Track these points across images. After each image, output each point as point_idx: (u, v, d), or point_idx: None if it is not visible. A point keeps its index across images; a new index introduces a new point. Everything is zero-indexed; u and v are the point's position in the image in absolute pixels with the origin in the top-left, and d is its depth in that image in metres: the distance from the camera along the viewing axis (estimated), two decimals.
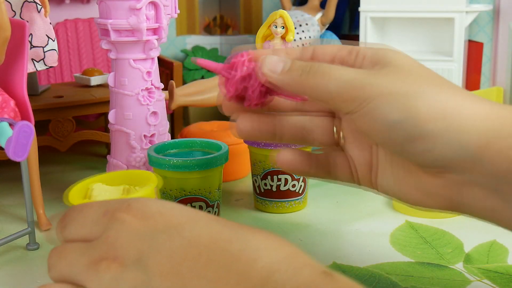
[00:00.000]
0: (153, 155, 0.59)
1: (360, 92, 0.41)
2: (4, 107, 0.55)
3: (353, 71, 0.42)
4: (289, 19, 0.62)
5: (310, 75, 0.43)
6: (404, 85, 0.41)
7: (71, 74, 0.93)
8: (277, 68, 0.45)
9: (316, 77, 0.43)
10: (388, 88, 0.41)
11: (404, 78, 0.41)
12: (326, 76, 0.43)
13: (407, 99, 0.40)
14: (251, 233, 0.34)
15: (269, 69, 0.45)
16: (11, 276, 0.54)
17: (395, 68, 0.42)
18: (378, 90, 0.41)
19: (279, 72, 0.45)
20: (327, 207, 0.68)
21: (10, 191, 0.75)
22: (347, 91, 0.42)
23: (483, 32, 0.94)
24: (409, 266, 0.54)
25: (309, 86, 0.43)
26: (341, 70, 0.43)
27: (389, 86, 0.41)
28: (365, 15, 0.90)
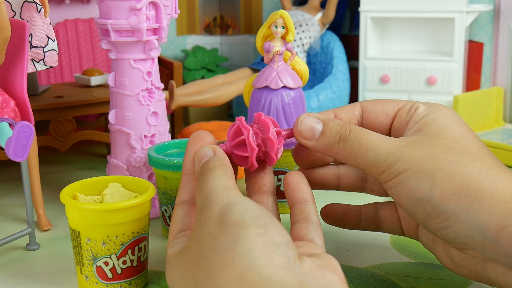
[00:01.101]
0: (153, 155, 0.59)
1: (393, 167, 0.42)
2: (4, 107, 0.55)
3: (390, 142, 0.43)
4: (290, 19, 0.62)
5: (347, 144, 0.44)
6: (434, 162, 0.42)
7: (71, 74, 0.93)
8: (313, 133, 0.45)
9: (353, 146, 0.44)
10: (417, 165, 0.42)
11: (437, 154, 0.42)
12: (363, 148, 0.43)
13: (432, 177, 0.41)
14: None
15: (304, 135, 0.46)
16: (11, 276, 0.54)
17: (435, 140, 0.43)
18: (407, 166, 0.42)
19: (316, 138, 0.45)
20: None
21: (10, 191, 0.75)
22: (381, 164, 0.43)
23: (484, 32, 0.94)
24: (409, 267, 0.54)
25: (345, 154, 0.44)
26: (378, 141, 0.43)
27: (419, 162, 0.42)
28: (365, 15, 0.90)
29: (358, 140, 0.44)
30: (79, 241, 0.49)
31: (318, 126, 0.45)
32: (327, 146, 0.45)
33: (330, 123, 0.45)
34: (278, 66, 0.63)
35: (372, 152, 0.43)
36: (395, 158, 0.42)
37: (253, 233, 0.35)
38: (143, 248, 0.50)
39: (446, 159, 0.42)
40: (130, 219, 0.48)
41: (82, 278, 0.50)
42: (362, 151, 0.43)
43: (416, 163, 0.42)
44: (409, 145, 0.43)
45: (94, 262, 0.49)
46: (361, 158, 0.44)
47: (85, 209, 0.48)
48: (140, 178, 0.53)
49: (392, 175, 0.43)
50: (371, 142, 0.44)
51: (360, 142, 0.44)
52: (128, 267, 0.49)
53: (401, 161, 0.42)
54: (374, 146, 0.43)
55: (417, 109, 0.46)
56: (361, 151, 0.43)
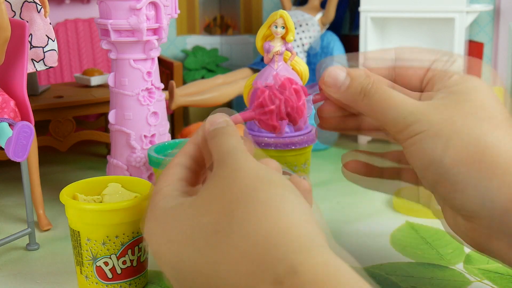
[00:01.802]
0: (153, 155, 0.59)
1: (411, 127, 0.42)
2: (4, 107, 0.55)
3: (411, 103, 0.43)
4: (290, 19, 0.62)
5: (370, 99, 0.44)
6: (452, 126, 0.41)
7: (71, 74, 0.93)
8: (339, 86, 0.45)
9: (375, 102, 0.44)
10: (434, 128, 0.41)
11: (457, 118, 0.41)
12: (384, 104, 0.43)
13: (448, 140, 0.41)
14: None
15: (330, 85, 0.46)
16: (11, 276, 0.54)
17: (460, 104, 0.42)
18: (425, 127, 0.42)
19: (341, 91, 0.45)
20: (328, 208, 0.68)
21: (10, 191, 0.75)
22: (400, 123, 0.42)
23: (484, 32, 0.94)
24: (409, 267, 0.54)
25: (367, 109, 0.44)
26: (399, 100, 0.43)
27: (437, 125, 0.41)
28: (365, 15, 0.90)
29: (380, 96, 0.44)
30: (79, 241, 0.49)
31: (344, 78, 0.45)
32: (351, 99, 0.45)
33: (355, 74, 0.45)
34: (278, 66, 0.63)
35: (393, 109, 0.43)
36: (414, 118, 0.42)
37: (296, 199, 0.35)
38: (143, 248, 0.50)
39: (465, 124, 0.41)
40: (130, 219, 0.48)
41: (82, 278, 0.50)
42: (383, 107, 0.43)
43: (434, 125, 0.41)
44: (430, 107, 0.42)
45: (94, 262, 0.49)
46: (381, 114, 0.43)
47: (84, 209, 0.48)
48: (140, 178, 0.53)
49: (409, 135, 0.42)
50: (392, 100, 0.43)
51: (383, 97, 0.43)
52: (128, 267, 0.49)
53: (420, 122, 0.42)
54: (395, 104, 0.43)
55: (450, 77, 0.44)
56: (382, 107, 0.43)
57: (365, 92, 0.44)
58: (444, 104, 0.42)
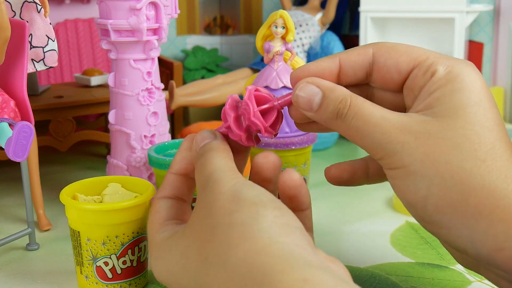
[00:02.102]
0: (153, 156, 0.59)
1: (391, 158, 0.39)
2: (4, 107, 0.55)
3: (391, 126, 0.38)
4: (290, 19, 0.62)
5: (345, 123, 0.40)
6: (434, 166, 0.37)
7: (71, 74, 0.93)
8: (311, 105, 0.41)
9: (350, 126, 0.40)
10: (415, 165, 0.38)
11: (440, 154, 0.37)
12: (360, 130, 0.39)
13: (429, 184, 0.37)
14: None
15: (301, 105, 0.41)
16: (11, 276, 0.54)
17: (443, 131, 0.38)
18: (405, 162, 0.38)
19: (314, 110, 0.41)
20: (327, 208, 0.68)
21: (10, 191, 0.75)
22: (379, 152, 0.39)
23: (484, 32, 0.94)
24: (409, 267, 0.54)
25: (343, 132, 0.40)
26: (377, 125, 0.39)
27: (418, 162, 0.38)
28: (365, 15, 0.90)
29: (356, 120, 0.39)
30: (79, 241, 0.49)
31: (316, 97, 0.41)
32: (325, 121, 0.41)
33: (330, 95, 0.40)
34: (278, 66, 0.63)
35: (369, 138, 0.39)
36: (393, 149, 0.38)
37: (271, 213, 0.34)
38: (143, 248, 0.50)
39: (449, 163, 0.37)
40: (130, 219, 0.48)
41: (82, 278, 0.50)
42: (360, 133, 0.39)
43: (414, 162, 0.38)
44: (412, 133, 0.38)
45: (94, 262, 0.49)
46: (359, 140, 0.40)
47: (84, 209, 0.48)
48: (140, 178, 0.53)
49: (389, 166, 0.39)
50: (370, 124, 0.39)
51: (358, 123, 0.39)
52: (128, 267, 0.49)
53: (399, 155, 0.38)
54: (372, 130, 0.39)
55: (434, 73, 0.39)
56: (358, 133, 0.39)
57: (340, 114, 0.40)
58: (426, 129, 0.38)
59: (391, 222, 0.63)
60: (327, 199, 0.71)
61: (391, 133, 0.39)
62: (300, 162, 0.64)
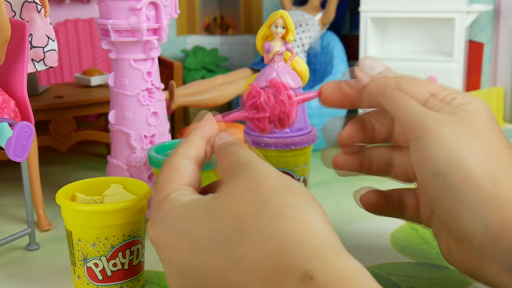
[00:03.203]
0: (153, 156, 0.59)
1: (427, 125, 0.42)
2: (4, 107, 0.55)
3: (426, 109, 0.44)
4: (290, 19, 0.62)
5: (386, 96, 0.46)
6: (466, 143, 0.41)
7: (71, 74, 0.93)
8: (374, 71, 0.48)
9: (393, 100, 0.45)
10: (450, 136, 0.42)
11: (470, 136, 0.42)
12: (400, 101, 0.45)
13: (460, 156, 0.41)
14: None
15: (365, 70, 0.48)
16: (11, 276, 0.54)
17: (468, 123, 0.42)
18: (441, 132, 0.42)
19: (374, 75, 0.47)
20: (328, 208, 0.68)
21: (10, 191, 0.75)
22: (415, 120, 0.43)
23: (484, 32, 0.94)
24: (409, 267, 0.54)
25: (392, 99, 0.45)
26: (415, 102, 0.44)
27: (452, 135, 0.42)
28: (365, 15, 0.90)
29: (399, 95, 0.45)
30: (71, 241, 0.49)
31: (379, 67, 0.48)
32: (382, 86, 0.46)
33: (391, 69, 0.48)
34: (278, 66, 0.63)
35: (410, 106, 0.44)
36: (433, 118, 0.42)
37: (320, 208, 0.36)
38: (136, 252, 0.49)
39: (477, 144, 0.41)
40: (120, 222, 0.48)
41: (75, 277, 0.50)
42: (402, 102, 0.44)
43: (450, 134, 0.42)
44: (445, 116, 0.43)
45: (84, 263, 0.48)
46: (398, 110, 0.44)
47: (74, 209, 0.48)
48: (141, 181, 0.53)
49: (425, 133, 0.42)
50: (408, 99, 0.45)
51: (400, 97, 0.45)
52: (119, 270, 0.49)
53: (438, 125, 0.42)
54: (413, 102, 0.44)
55: (454, 99, 0.45)
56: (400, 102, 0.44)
57: (398, 82, 0.46)
58: (455, 119, 0.43)
59: (391, 222, 0.63)
60: (327, 199, 0.71)
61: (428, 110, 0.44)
62: (300, 162, 0.64)
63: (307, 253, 0.32)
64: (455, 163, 0.41)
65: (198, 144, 0.43)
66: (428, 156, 0.42)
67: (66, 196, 0.51)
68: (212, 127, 0.44)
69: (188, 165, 0.41)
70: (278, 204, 0.35)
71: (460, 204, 0.41)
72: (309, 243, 0.33)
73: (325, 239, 0.33)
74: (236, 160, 0.39)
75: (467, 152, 0.41)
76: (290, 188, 0.36)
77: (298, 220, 0.34)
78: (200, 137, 0.43)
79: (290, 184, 0.37)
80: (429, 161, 0.42)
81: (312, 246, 0.33)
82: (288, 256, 0.32)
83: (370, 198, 0.51)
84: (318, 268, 0.31)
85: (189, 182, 0.41)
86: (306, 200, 0.36)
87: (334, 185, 0.75)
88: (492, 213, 0.40)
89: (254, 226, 0.34)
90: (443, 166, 0.41)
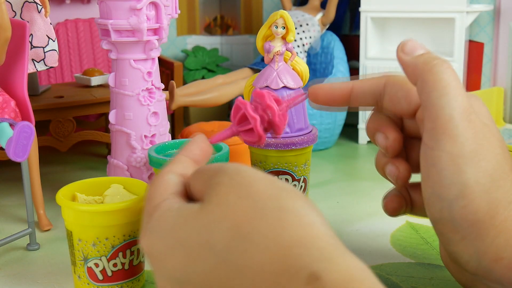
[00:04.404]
0: (153, 156, 0.59)
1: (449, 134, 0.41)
2: (4, 107, 0.55)
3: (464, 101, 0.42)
4: (290, 19, 0.62)
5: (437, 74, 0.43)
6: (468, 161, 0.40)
7: (72, 74, 0.93)
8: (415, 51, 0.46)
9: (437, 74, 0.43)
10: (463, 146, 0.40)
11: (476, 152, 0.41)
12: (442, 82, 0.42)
13: (463, 184, 0.40)
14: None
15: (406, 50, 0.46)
16: (11, 276, 0.54)
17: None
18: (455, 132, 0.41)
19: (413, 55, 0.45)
20: (328, 208, 0.68)
21: (10, 191, 0.75)
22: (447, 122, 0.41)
23: (484, 32, 0.94)
24: (409, 267, 0.54)
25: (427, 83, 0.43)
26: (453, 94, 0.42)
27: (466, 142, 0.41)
28: (365, 15, 0.90)
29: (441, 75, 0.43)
30: (72, 241, 0.49)
31: (421, 50, 0.46)
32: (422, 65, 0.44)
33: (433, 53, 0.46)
34: (278, 66, 0.63)
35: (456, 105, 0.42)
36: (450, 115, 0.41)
37: (314, 208, 0.36)
38: (136, 252, 0.49)
39: (485, 168, 0.40)
40: (121, 221, 0.48)
41: (75, 277, 0.50)
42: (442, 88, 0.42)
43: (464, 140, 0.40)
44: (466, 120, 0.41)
45: (85, 263, 0.48)
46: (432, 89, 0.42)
47: (75, 209, 0.48)
48: (142, 181, 0.53)
49: (446, 145, 0.41)
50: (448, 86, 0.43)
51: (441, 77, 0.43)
52: (119, 270, 0.49)
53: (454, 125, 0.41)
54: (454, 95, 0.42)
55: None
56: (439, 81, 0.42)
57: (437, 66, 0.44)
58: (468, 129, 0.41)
59: (391, 222, 0.63)
60: (327, 199, 0.71)
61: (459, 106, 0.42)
62: (300, 162, 0.64)
63: (314, 255, 0.32)
64: (458, 191, 0.40)
65: (184, 162, 0.43)
66: (434, 172, 0.41)
67: (67, 196, 0.51)
68: (199, 148, 0.44)
69: (174, 178, 0.41)
70: (276, 209, 0.34)
71: (456, 233, 0.41)
72: (315, 245, 0.33)
73: (329, 241, 0.33)
74: (214, 166, 0.39)
75: (472, 179, 0.40)
76: (284, 191, 0.36)
77: (301, 224, 0.34)
78: (185, 156, 0.43)
79: (283, 187, 0.36)
80: (439, 183, 0.41)
81: (318, 247, 0.32)
82: (293, 259, 0.32)
83: (394, 203, 0.50)
84: (326, 268, 0.31)
85: (176, 192, 0.40)
86: (304, 203, 0.35)
87: (334, 185, 0.75)
88: (486, 247, 0.40)
89: (255, 233, 0.34)
90: (446, 191, 0.41)
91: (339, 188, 0.74)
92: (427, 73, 0.43)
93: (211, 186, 0.37)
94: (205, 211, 0.36)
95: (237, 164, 0.39)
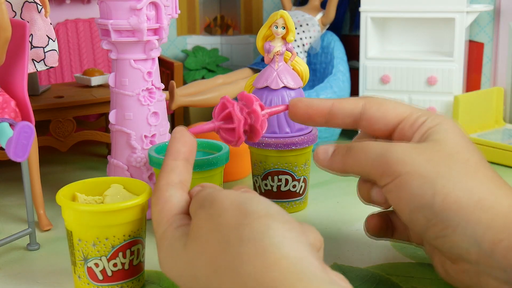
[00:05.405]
0: (153, 156, 0.59)
1: (394, 167, 0.43)
2: (4, 107, 0.55)
3: (390, 145, 0.44)
4: (290, 19, 0.62)
5: (351, 153, 0.46)
6: (436, 168, 0.42)
7: (72, 74, 0.93)
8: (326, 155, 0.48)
9: (355, 153, 0.46)
10: (419, 169, 0.42)
11: (439, 160, 0.42)
12: (363, 152, 0.45)
13: (434, 184, 0.42)
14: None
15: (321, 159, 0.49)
16: (11, 276, 0.54)
17: (437, 147, 0.43)
18: (409, 168, 0.42)
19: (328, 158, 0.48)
20: (328, 208, 0.68)
21: (10, 191, 0.75)
22: (381, 165, 0.44)
23: (484, 32, 0.94)
24: (410, 267, 0.54)
25: (350, 163, 0.46)
26: (378, 145, 0.45)
27: (421, 166, 0.42)
28: (365, 15, 0.90)
29: (360, 146, 0.46)
30: (72, 241, 0.49)
31: (330, 148, 0.48)
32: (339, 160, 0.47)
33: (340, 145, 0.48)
34: (278, 66, 0.63)
35: (373, 152, 0.44)
36: (396, 158, 0.43)
37: (282, 227, 0.35)
38: (136, 252, 0.49)
39: (448, 166, 0.42)
40: (121, 221, 0.48)
41: (76, 277, 0.50)
42: (363, 155, 0.45)
43: (418, 166, 0.42)
44: (409, 147, 0.44)
45: (85, 263, 0.48)
46: (364, 161, 0.45)
47: (75, 209, 0.48)
48: (142, 181, 0.53)
49: (393, 175, 0.43)
50: (370, 145, 0.45)
51: (361, 148, 0.46)
52: (120, 270, 0.49)
53: (403, 162, 0.43)
54: (375, 147, 0.45)
55: (423, 123, 0.46)
56: (362, 155, 0.45)
57: (348, 147, 0.47)
58: (422, 146, 0.44)
59: None
60: (327, 199, 0.71)
61: (392, 146, 0.44)
62: (300, 162, 0.65)
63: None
64: (431, 192, 0.41)
65: (176, 168, 0.44)
66: (404, 195, 0.43)
67: (67, 196, 0.51)
68: (183, 143, 0.45)
69: (175, 194, 0.43)
70: (237, 241, 0.35)
71: (447, 227, 0.41)
72: (269, 277, 0.32)
73: (283, 267, 0.33)
74: (199, 196, 0.41)
75: (441, 178, 0.41)
76: (246, 216, 0.36)
77: (258, 254, 0.34)
78: (174, 160, 0.45)
79: (245, 211, 0.36)
80: (406, 199, 0.43)
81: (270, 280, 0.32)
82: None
83: (375, 220, 0.52)
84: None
85: (179, 210, 0.43)
86: (262, 225, 0.35)
87: (334, 185, 0.75)
88: (482, 230, 0.40)
89: (222, 268, 0.35)
90: (420, 199, 0.42)
91: (339, 188, 0.74)
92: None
93: (194, 218, 0.40)
94: (188, 247, 0.38)
95: (219, 192, 0.40)
